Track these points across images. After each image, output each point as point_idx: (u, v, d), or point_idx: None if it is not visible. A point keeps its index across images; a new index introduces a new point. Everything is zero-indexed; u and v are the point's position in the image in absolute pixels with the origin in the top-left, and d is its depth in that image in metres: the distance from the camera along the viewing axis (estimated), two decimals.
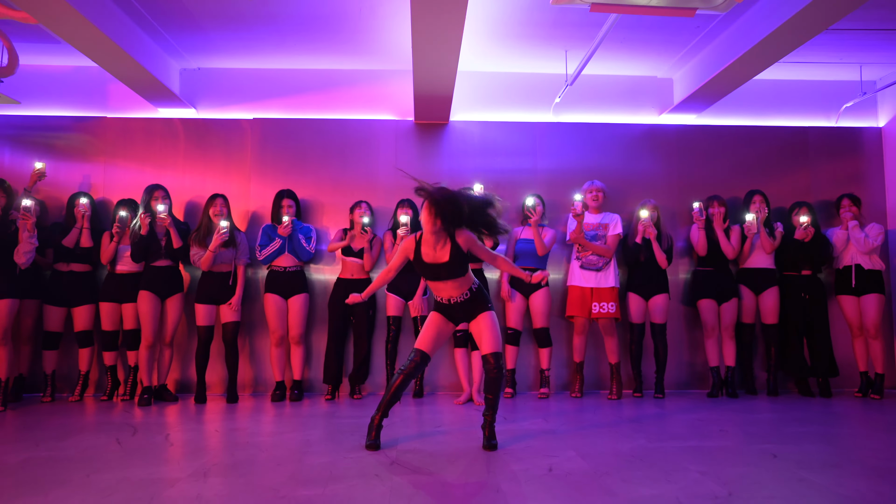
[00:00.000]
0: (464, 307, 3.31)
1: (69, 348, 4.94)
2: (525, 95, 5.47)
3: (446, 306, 3.33)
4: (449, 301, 3.31)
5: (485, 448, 3.17)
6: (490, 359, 3.23)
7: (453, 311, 3.33)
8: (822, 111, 5.57)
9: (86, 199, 4.77)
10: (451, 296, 3.29)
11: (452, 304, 3.31)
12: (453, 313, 3.34)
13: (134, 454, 3.08)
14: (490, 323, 3.28)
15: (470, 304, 3.30)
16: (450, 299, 3.30)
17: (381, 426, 3.27)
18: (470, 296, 3.30)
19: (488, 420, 3.26)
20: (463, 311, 3.32)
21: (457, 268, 3.23)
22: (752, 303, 5.04)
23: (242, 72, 5.42)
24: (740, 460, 2.96)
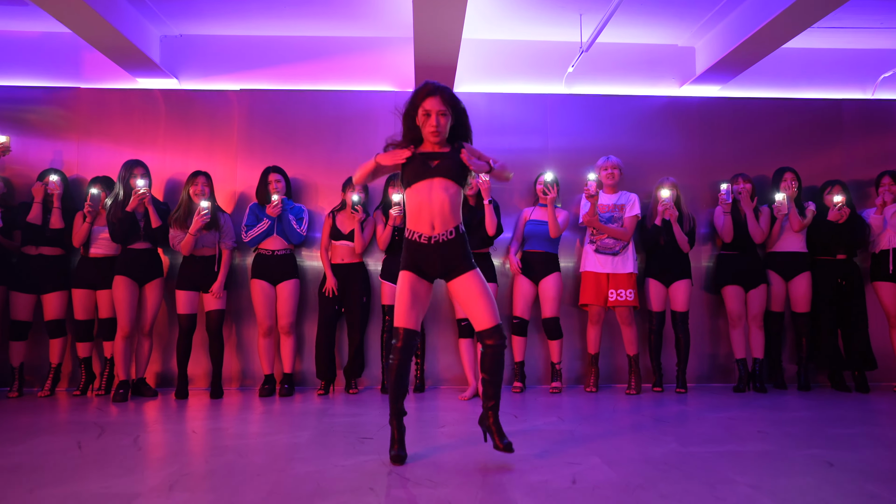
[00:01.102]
0: (445, 252, 2.62)
1: (39, 339, 4.55)
2: (535, 65, 5.05)
3: (422, 250, 2.63)
4: (429, 240, 2.62)
5: (497, 449, 2.59)
6: (491, 334, 2.61)
7: (430, 259, 2.63)
8: (858, 82, 5.15)
9: (56, 176, 4.36)
10: (433, 224, 2.61)
11: (431, 245, 2.62)
12: (429, 262, 2.64)
13: (93, 461, 2.69)
14: (481, 284, 2.63)
15: (452, 250, 2.63)
16: (431, 237, 2.62)
17: (402, 429, 2.70)
18: (455, 236, 2.64)
19: (491, 412, 2.65)
20: (443, 258, 2.63)
21: (453, 165, 2.63)
22: (781, 289, 4.65)
23: (229, 39, 4.98)
24: (791, 469, 2.57)
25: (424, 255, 2.65)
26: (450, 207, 2.64)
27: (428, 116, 2.64)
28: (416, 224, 2.66)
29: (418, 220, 2.65)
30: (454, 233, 2.65)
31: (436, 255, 2.64)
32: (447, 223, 2.64)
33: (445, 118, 2.65)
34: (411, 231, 2.67)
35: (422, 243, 2.64)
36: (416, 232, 2.66)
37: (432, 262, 2.65)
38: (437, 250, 2.64)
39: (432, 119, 2.63)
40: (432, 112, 2.62)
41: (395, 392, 2.69)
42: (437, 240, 2.63)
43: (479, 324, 2.63)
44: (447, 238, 2.64)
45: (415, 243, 2.66)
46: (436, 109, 2.62)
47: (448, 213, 2.64)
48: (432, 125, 2.63)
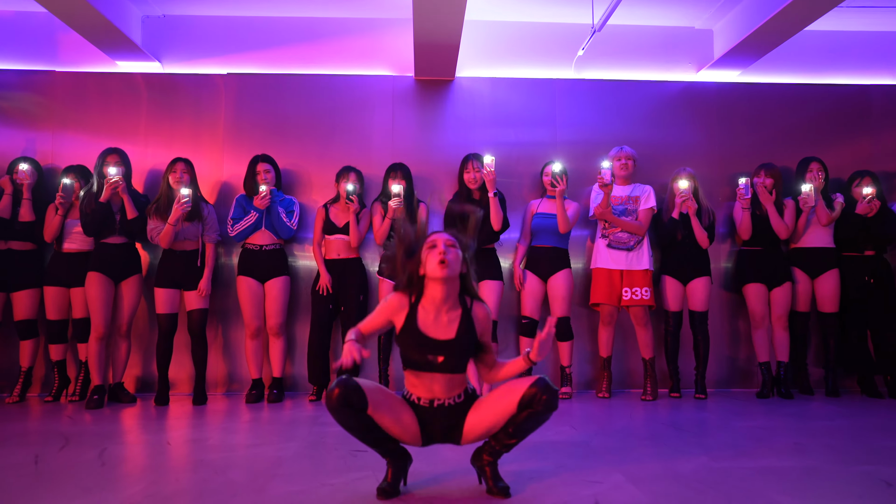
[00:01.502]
0: (448, 414, 2.17)
1: (8, 340, 4.23)
2: (543, 48, 4.74)
3: (423, 409, 2.18)
4: (430, 404, 2.17)
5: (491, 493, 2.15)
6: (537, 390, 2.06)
7: (430, 418, 2.17)
8: (888, 66, 4.83)
9: (26, 165, 4.05)
10: (434, 396, 2.17)
11: (435, 408, 2.17)
12: (428, 421, 2.18)
13: (48, 479, 2.36)
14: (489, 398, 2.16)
15: (458, 411, 2.18)
16: (432, 401, 2.16)
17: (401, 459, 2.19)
18: (464, 399, 2.20)
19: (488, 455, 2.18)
20: (445, 419, 2.17)
21: (461, 354, 2.16)
22: (807, 288, 4.33)
23: (215, 19, 4.66)
24: (844, 490, 2.25)
25: (425, 418, 2.18)
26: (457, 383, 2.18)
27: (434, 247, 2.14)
28: (416, 388, 2.19)
29: (418, 386, 2.18)
30: (462, 396, 2.20)
31: (438, 417, 2.17)
32: (453, 392, 2.18)
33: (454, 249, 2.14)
34: (409, 393, 2.21)
35: (422, 406, 2.18)
36: (415, 395, 2.19)
37: (433, 420, 2.18)
38: (439, 414, 2.17)
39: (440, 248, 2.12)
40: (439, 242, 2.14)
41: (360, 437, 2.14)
42: (440, 404, 2.17)
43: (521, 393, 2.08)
44: (455, 402, 2.18)
45: (414, 404, 2.19)
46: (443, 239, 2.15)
47: (455, 386, 2.18)
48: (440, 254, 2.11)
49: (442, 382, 2.15)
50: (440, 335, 2.14)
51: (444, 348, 2.13)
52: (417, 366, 2.15)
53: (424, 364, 2.13)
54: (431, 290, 2.15)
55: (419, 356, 2.13)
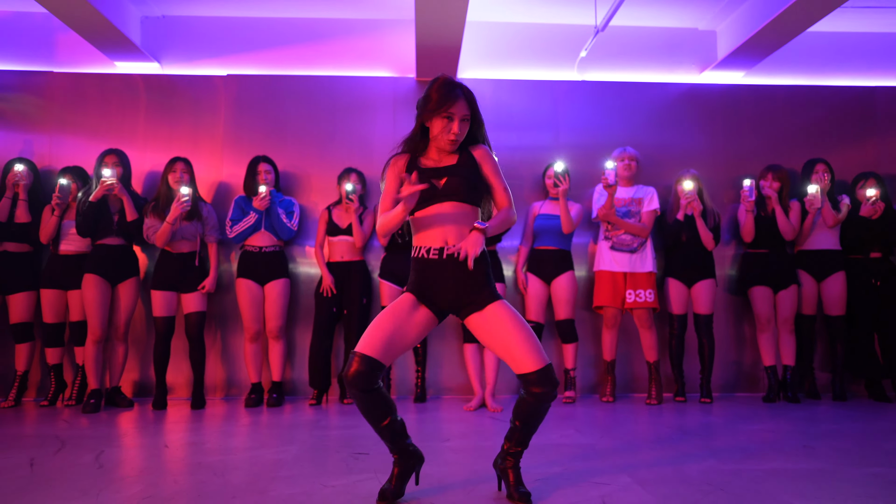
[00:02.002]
0: (461, 273, 2.05)
1: (3, 344, 4.17)
2: (545, 49, 4.71)
3: (432, 269, 2.08)
4: (440, 253, 2.07)
5: (512, 500, 2.06)
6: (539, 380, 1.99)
7: (441, 279, 2.07)
8: (893, 68, 4.80)
9: (22, 166, 4.00)
10: (446, 239, 2.07)
11: (444, 259, 2.06)
12: (440, 284, 2.07)
13: (44, 482, 2.31)
14: (514, 317, 2.05)
15: (470, 274, 2.07)
16: (443, 250, 2.07)
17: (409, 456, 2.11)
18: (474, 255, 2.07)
19: (511, 458, 2.10)
20: (458, 280, 2.06)
21: (464, 176, 2.11)
22: (813, 290, 4.28)
23: (215, 20, 4.63)
24: (856, 491, 2.19)
25: (435, 276, 2.08)
26: (465, 223, 2.11)
27: (450, 120, 2.09)
28: (425, 239, 2.12)
29: (427, 236, 2.11)
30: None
31: (449, 274, 2.07)
32: (464, 236, 2.09)
33: (466, 124, 2.14)
34: (418, 247, 2.12)
35: (431, 258, 2.08)
36: (424, 247, 2.11)
37: (444, 284, 2.08)
38: (450, 268, 2.07)
39: (455, 125, 2.09)
40: (455, 116, 2.09)
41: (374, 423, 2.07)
42: (450, 253, 2.06)
43: (522, 365, 2.00)
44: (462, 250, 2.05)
45: (423, 261, 2.10)
46: (460, 115, 2.10)
47: (464, 228, 2.10)
48: (454, 132, 2.09)
49: (453, 227, 2.08)
50: (442, 165, 2.15)
51: (446, 172, 2.12)
52: (423, 200, 2.08)
53: (429, 196, 2.08)
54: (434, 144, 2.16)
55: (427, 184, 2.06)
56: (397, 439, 2.08)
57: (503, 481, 2.13)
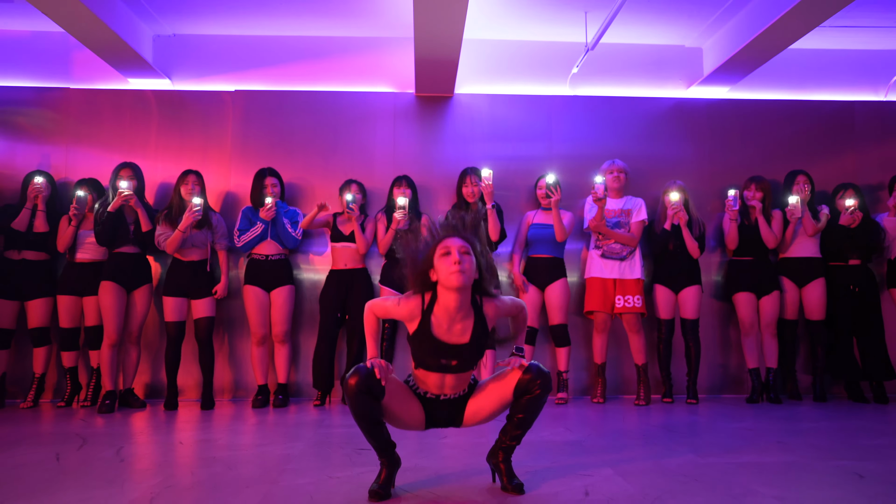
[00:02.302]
0: (454, 404, 2.30)
1: (22, 347, 4.37)
2: (539, 66, 4.92)
3: (429, 400, 2.30)
4: (437, 397, 2.28)
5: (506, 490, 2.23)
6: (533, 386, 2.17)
7: (435, 408, 2.30)
8: (870, 84, 5.02)
9: (41, 178, 4.21)
10: (442, 392, 2.28)
11: (441, 401, 2.29)
12: (433, 409, 2.30)
13: (71, 473, 2.50)
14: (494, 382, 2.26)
15: (462, 400, 2.31)
16: (439, 395, 2.28)
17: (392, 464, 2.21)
18: (467, 391, 2.32)
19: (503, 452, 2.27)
20: (450, 408, 2.30)
21: (474, 355, 2.22)
22: (794, 296, 4.48)
23: (223, 38, 4.85)
24: (819, 481, 2.39)
25: (431, 408, 2.31)
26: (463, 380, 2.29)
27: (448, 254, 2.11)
28: (424, 383, 2.28)
29: (425, 385, 2.28)
30: (467, 389, 2.32)
31: (444, 408, 2.31)
32: (459, 388, 2.29)
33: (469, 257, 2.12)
34: (416, 385, 2.30)
35: (429, 398, 2.30)
36: (422, 389, 2.30)
37: (440, 413, 2.32)
38: (445, 405, 2.31)
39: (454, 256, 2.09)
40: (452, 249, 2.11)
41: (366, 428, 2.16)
42: (446, 397, 2.29)
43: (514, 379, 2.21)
44: (459, 394, 2.30)
45: (421, 395, 2.31)
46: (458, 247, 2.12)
47: (463, 383, 2.29)
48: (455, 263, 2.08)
49: (453, 380, 2.25)
50: (454, 340, 2.17)
51: (459, 353, 2.18)
52: (431, 368, 2.22)
53: (438, 367, 2.21)
54: (444, 299, 2.13)
55: (433, 361, 2.19)
56: (388, 447, 2.19)
57: (496, 474, 2.32)
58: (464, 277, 2.07)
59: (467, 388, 2.32)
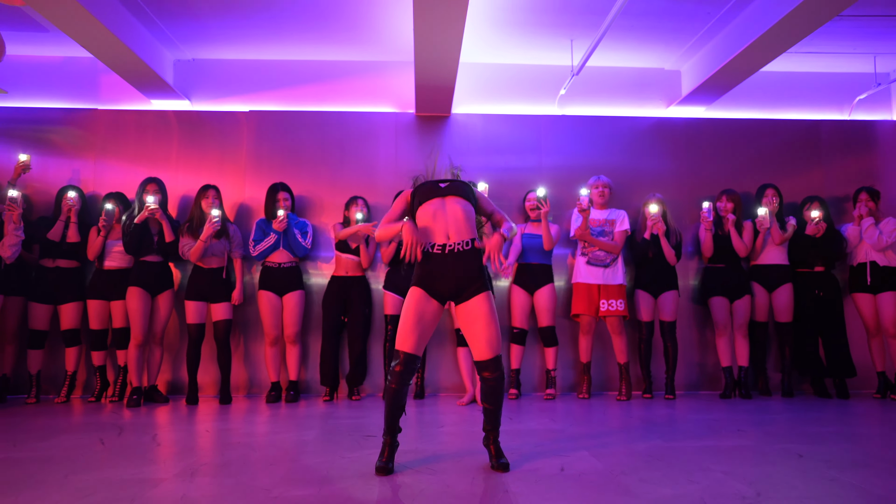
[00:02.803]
0: (460, 265, 2.54)
1: (55, 347, 4.76)
2: (529, 88, 5.32)
3: (435, 263, 2.55)
4: (443, 249, 2.55)
5: (494, 469, 2.59)
6: (488, 366, 2.57)
7: (444, 272, 2.54)
8: (835, 104, 5.43)
9: (74, 193, 4.60)
10: (448, 235, 2.56)
11: (446, 254, 2.54)
12: (443, 276, 2.54)
13: (117, 454, 2.89)
14: (489, 312, 2.54)
15: (468, 263, 2.55)
16: (445, 245, 2.55)
17: (394, 445, 2.61)
18: (471, 248, 2.56)
19: (491, 435, 2.66)
20: (458, 272, 2.54)
21: (462, 184, 2.69)
22: (764, 300, 4.87)
23: (238, 63, 5.26)
24: (764, 460, 2.78)
25: (438, 268, 2.54)
26: (464, 217, 2.60)
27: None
28: (431, 235, 2.59)
29: (432, 230, 2.59)
30: (470, 244, 2.57)
31: (450, 267, 2.53)
32: (462, 233, 2.57)
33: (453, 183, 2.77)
34: (429, 243, 2.59)
35: (435, 253, 2.54)
36: (429, 243, 2.58)
37: (446, 276, 2.54)
38: (451, 262, 2.54)
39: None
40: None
41: (391, 413, 2.61)
42: (451, 249, 2.54)
43: (478, 353, 2.56)
44: (463, 249, 2.55)
45: (428, 255, 2.56)
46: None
47: (463, 223, 2.59)
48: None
49: (452, 220, 2.59)
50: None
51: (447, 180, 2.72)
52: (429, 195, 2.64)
53: (436, 191, 2.65)
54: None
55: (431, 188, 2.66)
56: (396, 429, 2.64)
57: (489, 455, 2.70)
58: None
59: (471, 244, 2.58)
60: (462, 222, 2.59)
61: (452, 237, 2.57)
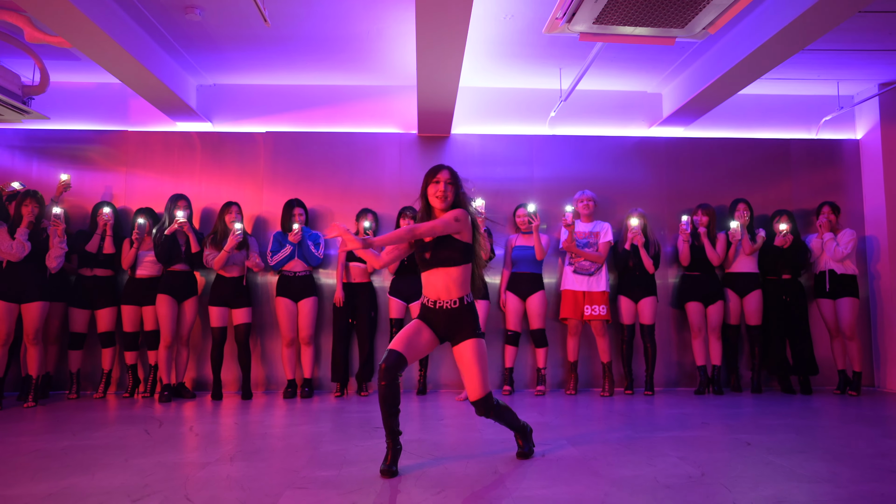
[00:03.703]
0: (449, 318, 2.90)
1: (93, 348, 5.24)
2: (522, 110, 5.78)
3: (431, 310, 2.93)
4: (434, 304, 2.91)
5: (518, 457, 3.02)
6: (477, 407, 2.92)
7: (437, 320, 2.92)
8: (803, 124, 5.88)
9: (108, 209, 5.07)
10: (438, 296, 2.90)
11: (437, 310, 2.91)
12: (436, 322, 2.92)
13: (163, 443, 3.37)
14: (476, 357, 2.88)
15: (456, 318, 2.90)
16: (436, 302, 2.90)
17: (397, 449, 2.84)
18: (458, 306, 2.89)
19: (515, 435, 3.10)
20: (448, 323, 2.90)
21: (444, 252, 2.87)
22: (736, 305, 5.34)
23: (255, 88, 5.73)
24: (716, 447, 3.25)
25: (432, 316, 2.93)
26: (452, 286, 2.88)
27: (438, 183, 2.94)
28: (426, 292, 2.96)
29: (426, 286, 2.96)
30: (458, 303, 2.89)
31: (442, 318, 2.91)
32: (451, 294, 2.89)
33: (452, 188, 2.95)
34: (425, 297, 2.97)
35: (429, 307, 2.95)
36: (425, 297, 2.96)
37: (439, 323, 2.92)
38: (442, 315, 2.90)
39: (441, 186, 2.92)
40: (441, 181, 2.94)
41: (388, 414, 2.80)
42: (441, 306, 2.90)
43: (470, 394, 2.92)
44: (451, 307, 2.89)
45: (426, 307, 2.96)
46: (444, 179, 2.95)
47: (452, 290, 2.89)
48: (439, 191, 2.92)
49: (441, 286, 2.88)
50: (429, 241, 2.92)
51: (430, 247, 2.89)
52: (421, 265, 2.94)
53: (423, 262, 2.92)
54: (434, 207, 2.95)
55: (418, 254, 2.93)
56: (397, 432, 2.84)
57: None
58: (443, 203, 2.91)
59: (458, 304, 2.88)
60: (451, 290, 2.89)
61: (442, 297, 2.90)
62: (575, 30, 3.43)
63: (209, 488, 2.54)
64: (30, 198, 4.64)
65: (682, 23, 3.43)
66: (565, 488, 2.55)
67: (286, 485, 2.59)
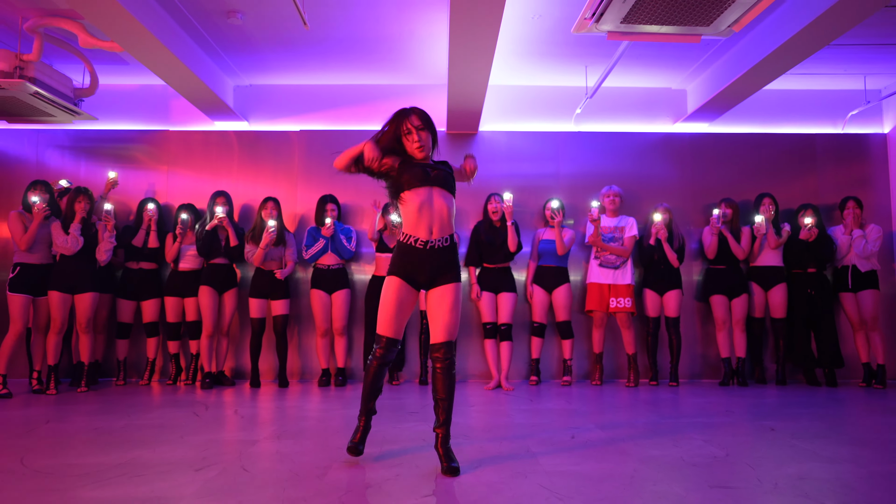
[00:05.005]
0: (437, 259, 2.65)
1: (138, 338, 5.50)
2: (548, 107, 5.91)
3: (415, 255, 2.64)
4: (425, 245, 2.63)
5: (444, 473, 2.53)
6: (440, 349, 2.65)
7: (421, 264, 2.64)
8: (829, 119, 5.93)
9: (153, 205, 5.31)
10: (431, 229, 2.64)
11: (426, 250, 2.64)
12: (420, 268, 2.65)
13: (213, 423, 3.58)
14: (453, 301, 2.65)
15: (445, 257, 2.66)
16: (427, 242, 2.63)
17: (367, 428, 2.77)
18: (449, 244, 2.68)
19: (440, 435, 2.64)
20: (434, 264, 2.65)
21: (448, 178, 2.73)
22: (761, 298, 5.41)
23: (290, 88, 5.93)
24: (741, 432, 3.37)
25: (417, 261, 2.65)
26: (448, 214, 2.68)
27: (410, 133, 2.72)
28: (415, 228, 2.65)
29: (417, 224, 2.64)
30: (449, 241, 2.68)
31: (428, 260, 2.64)
32: (444, 230, 2.67)
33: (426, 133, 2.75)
34: (407, 235, 2.66)
35: (416, 248, 2.64)
36: (412, 236, 2.65)
37: (423, 268, 2.65)
38: (430, 256, 2.64)
39: (414, 135, 2.71)
40: (413, 129, 2.72)
41: (369, 392, 2.75)
42: (433, 245, 2.64)
43: (434, 336, 2.66)
44: (442, 245, 2.66)
45: (409, 247, 2.65)
46: (416, 125, 2.73)
47: (447, 221, 2.68)
48: (416, 140, 2.72)
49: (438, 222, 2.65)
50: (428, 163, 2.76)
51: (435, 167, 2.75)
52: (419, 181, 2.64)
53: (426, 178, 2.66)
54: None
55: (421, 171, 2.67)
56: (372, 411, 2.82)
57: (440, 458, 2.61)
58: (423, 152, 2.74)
59: (449, 241, 2.68)
60: (445, 219, 2.68)
61: (435, 234, 2.65)
62: (603, 29, 3.56)
63: (262, 461, 2.73)
64: (82, 195, 4.89)
65: (707, 21, 3.53)
66: (595, 465, 2.69)
67: (332, 459, 2.77)
